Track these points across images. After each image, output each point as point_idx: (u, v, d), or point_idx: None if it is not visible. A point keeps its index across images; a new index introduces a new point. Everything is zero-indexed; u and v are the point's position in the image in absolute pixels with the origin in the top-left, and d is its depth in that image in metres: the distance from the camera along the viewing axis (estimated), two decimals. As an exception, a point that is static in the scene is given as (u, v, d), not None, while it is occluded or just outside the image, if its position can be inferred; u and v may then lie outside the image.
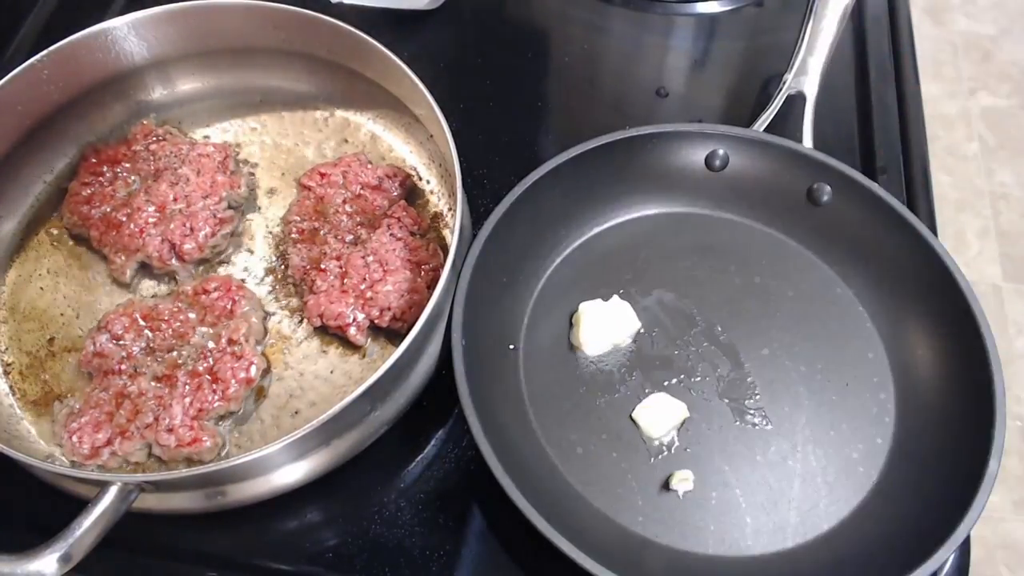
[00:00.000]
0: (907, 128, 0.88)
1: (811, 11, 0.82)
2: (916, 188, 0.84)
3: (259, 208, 0.79)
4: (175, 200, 0.74)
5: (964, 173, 2.10)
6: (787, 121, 0.81)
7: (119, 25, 0.76)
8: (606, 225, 0.79)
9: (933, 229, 0.82)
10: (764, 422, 0.69)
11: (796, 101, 0.81)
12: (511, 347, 0.72)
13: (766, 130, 0.78)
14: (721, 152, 0.78)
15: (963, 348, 0.68)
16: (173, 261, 0.73)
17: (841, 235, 0.76)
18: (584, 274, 0.77)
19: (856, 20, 0.97)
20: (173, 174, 0.75)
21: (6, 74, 0.72)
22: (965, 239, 1.99)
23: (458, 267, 0.68)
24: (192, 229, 0.73)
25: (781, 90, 0.81)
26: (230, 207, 0.77)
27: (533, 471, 0.65)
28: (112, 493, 0.56)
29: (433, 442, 0.70)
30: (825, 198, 0.76)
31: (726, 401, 0.70)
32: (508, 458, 0.61)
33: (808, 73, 0.81)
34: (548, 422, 0.69)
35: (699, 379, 0.71)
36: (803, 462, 0.68)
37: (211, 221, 0.74)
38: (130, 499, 0.57)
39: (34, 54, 0.73)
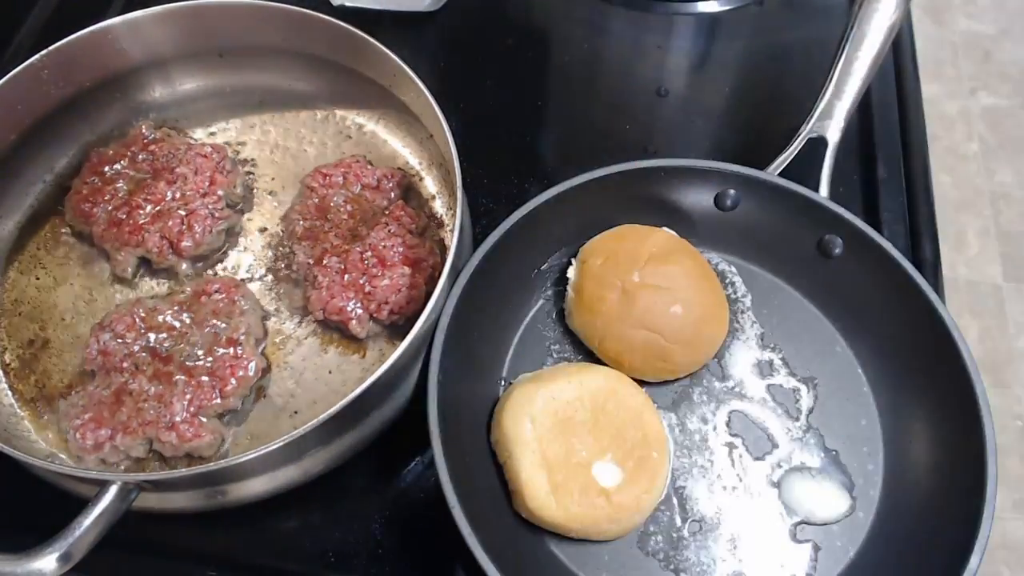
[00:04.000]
0: (907, 128, 0.88)
1: (842, 53, 0.77)
2: (916, 188, 0.84)
3: (259, 207, 0.80)
4: (173, 199, 0.74)
5: (964, 173, 2.10)
6: (803, 165, 0.76)
7: (119, 25, 0.76)
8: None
9: (934, 233, 0.81)
10: (743, 486, 0.67)
11: (816, 146, 0.76)
12: (499, 381, 0.71)
13: (782, 174, 0.74)
14: (732, 192, 0.75)
15: (961, 435, 0.63)
16: (171, 256, 0.74)
17: (849, 292, 0.73)
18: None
19: (856, 20, 0.97)
20: (171, 173, 0.76)
21: (6, 74, 0.72)
22: (965, 239, 1.99)
23: (458, 267, 0.68)
24: (190, 227, 0.73)
25: (802, 133, 0.76)
26: (228, 206, 0.77)
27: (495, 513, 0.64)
28: (112, 492, 0.56)
29: (433, 442, 0.70)
30: (836, 251, 0.72)
31: (707, 454, 0.69)
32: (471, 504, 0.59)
33: (832, 118, 0.76)
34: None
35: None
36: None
37: (208, 219, 0.74)
38: (130, 498, 0.57)
39: (34, 54, 0.73)
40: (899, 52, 0.94)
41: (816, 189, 0.74)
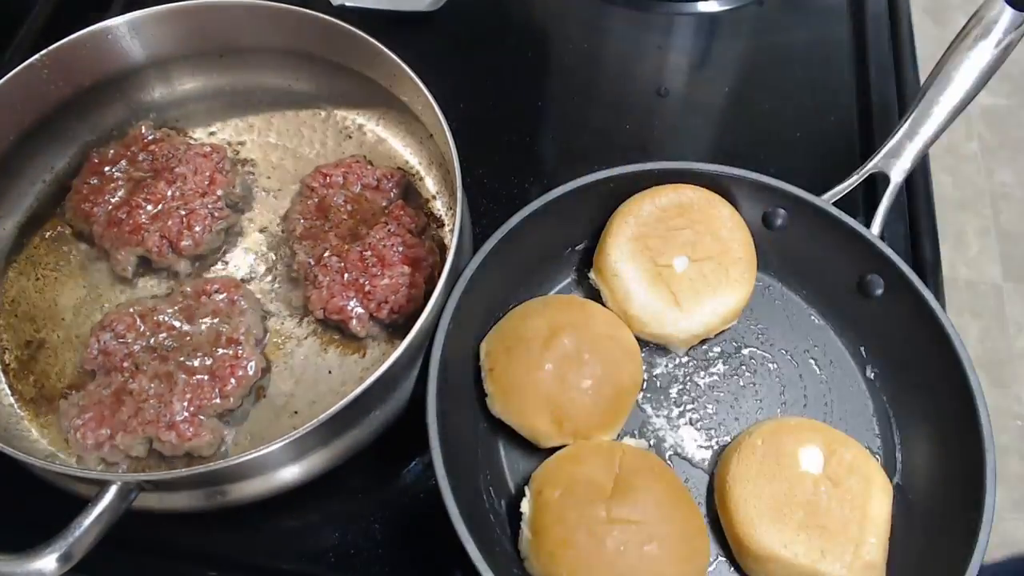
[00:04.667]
0: (907, 128, 0.88)
1: (924, 92, 0.75)
2: (916, 188, 0.84)
3: (259, 207, 0.80)
4: (173, 198, 0.75)
5: (964, 173, 2.10)
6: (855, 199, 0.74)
7: (119, 25, 0.76)
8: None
9: (934, 234, 0.81)
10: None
11: (877, 181, 0.75)
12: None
13: (836, 204, 0.72)
14: (783, 212, 0.73)
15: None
16: (171, 256, 0.74)
17: (882, 334, 0.71)
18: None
19: (856, 20, 0.97)
20: (171, 173, 0.76)
21: (6, 74, 0.72)
22: (965, 239, 1.99)
23: (458, 267, 0.68)
24: (189, 226, 0.73)
25: (866, 167, 0.75)
26: (228, 206, 0.77)
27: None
28: (112, 492, 0.56)
29: (433, 442, 0.70)
30: (877, 292, 0.70)
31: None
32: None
33: (900, 157, 0.74)
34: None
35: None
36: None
37: (208, 219, 0.74)
38: (130, 498, 0.57)
39: (34, 54, 0.73)
40: (899, 52, 0.94)
41: (868, 225, 0.71)
